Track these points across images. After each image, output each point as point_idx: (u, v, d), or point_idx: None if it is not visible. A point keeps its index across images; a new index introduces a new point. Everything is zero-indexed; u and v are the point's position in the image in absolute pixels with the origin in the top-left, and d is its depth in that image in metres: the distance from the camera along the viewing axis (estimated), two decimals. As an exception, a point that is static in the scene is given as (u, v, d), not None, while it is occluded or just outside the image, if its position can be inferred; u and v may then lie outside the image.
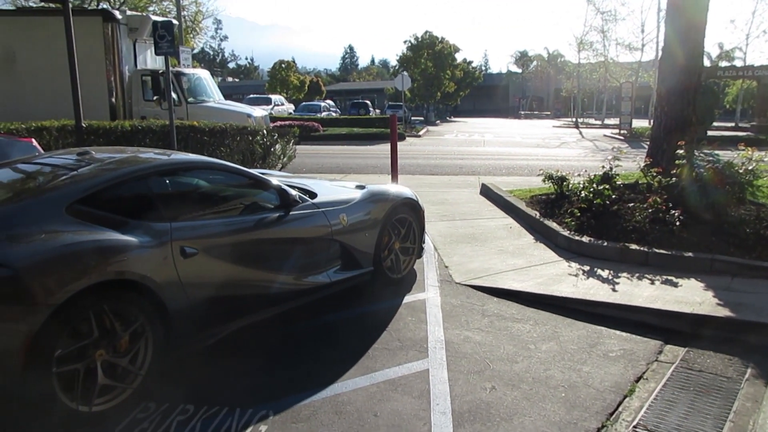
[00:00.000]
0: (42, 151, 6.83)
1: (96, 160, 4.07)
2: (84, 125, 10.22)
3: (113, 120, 14.16)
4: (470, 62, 58.22)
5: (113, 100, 15.73)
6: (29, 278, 2.93)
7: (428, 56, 46.86)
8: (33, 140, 7.21)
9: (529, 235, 7.37)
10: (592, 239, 6.48)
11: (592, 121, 51.39)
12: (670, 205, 6.68)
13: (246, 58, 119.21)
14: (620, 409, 3.49)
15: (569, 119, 53.26)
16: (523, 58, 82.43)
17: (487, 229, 7.76)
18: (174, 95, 13.37)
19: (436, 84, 47.33)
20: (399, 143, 10.83)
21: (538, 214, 7.86)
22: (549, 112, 70.56)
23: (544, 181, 8.60)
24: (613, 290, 5.29)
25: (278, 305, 4.38)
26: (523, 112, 68.82)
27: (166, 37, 10.00)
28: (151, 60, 17.33)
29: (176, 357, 3.69)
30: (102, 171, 3.83)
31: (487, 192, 10.47)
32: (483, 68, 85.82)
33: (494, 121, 54.38)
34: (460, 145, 24.62)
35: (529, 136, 31.85)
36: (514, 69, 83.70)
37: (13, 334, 2.86)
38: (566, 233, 6.77)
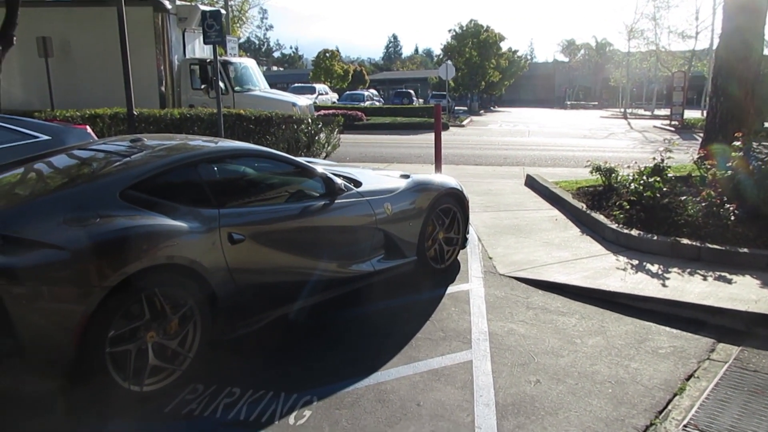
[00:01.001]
0: (96, 138, 7.03)
1: (147, 147, 4.16)
2: (135, 113, 10.48)
3: (163, 108, 14.48)
4: (515, 51, 57.39)
5: (163, 88, 16.08)
6: (85, 261, 3.03)
7: (473, 45, 46.38)
8: (87, 127, 7.42)
9: (575, 228, 7.23)
10: (641, 233, 6.32)
11: (641, 111, 49.96)
12: (725, 199, 6.45)
13: (291, 48, 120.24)
14: (669, 407, 3.40)
15: (617, 110, 51.98)
16: (570, 47, 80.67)
17: (531, 221, 7.65)
18: (221, 84, 13.56)
19: (481, 73, 46.84)
20: (442, 133, 10.75)
21: (584, 206, 7.71)
22: (596, 103, 68.97)
23: (591, 172, 8.42)
24: (663, 285, 5.14)
25: (322, 292, 4.42)
26: (569, 103, 67.39)
27: (214, 27, 10.15)
28: (199, 49, 17.63)
29: (223, 341, 3.77)
30: (153, 158, 3.92)
31: (532, 183, 10.32)
32: (528, 57, 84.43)
33: (539, 111, 53.48)
34: (504, 136, 24.32)
35: (575, 126, 31.23)
36: (561, 58, 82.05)
37: (70, 314, 2.97)
38: (614, 226, 6.61)
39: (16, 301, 2.82)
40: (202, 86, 16.07)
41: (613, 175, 8.15)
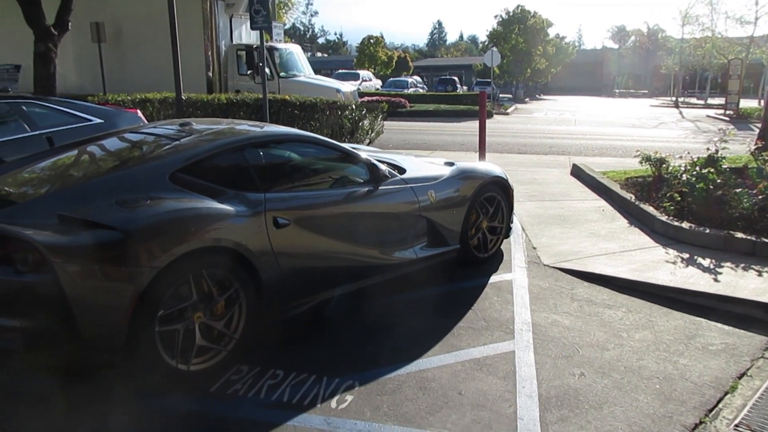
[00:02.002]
0: (146, 122, 7.20)
1: (196, 131, 4.23)
2: (183, 98, 10.67)
3: (210, 93, 14.72)
4: (563, 38, 56.18)
5: (210, 73, 16.33)
6: (136, 241, 3.10)
7: (519, 31, 45.56)
8: (138, 111, 7.60)
9: (622, 219, 7.06)
10: (692, 225, 6.12)
11: (693, 100, 48.29)
12: (784, 192, 6.19)
13: (335, 34, 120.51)
14: (720, 406, 3.29)
15: (668, 98, 50.36)
16: (620, 33, 78.46)
17: (577, 211, 7.50)
18: (267, 70, 13.69)
19: (527, 60, 46.02)
20: (487, 121, 10.62)
21: (633, 197, 7.51)
22: (646, 91, 66.99)
23: (641, 162, 8.19)
24: (715, 280, 4.98)
25: (365, 278, 4.43)
26: (617, 91, 65.71)
27: (262, 12, 10.22)
28: (245, 35, 17.83)
29: (267, 323, 3.82)
30: (202, 142, 3.98)
31: (578, 172, 10.11)
32: (576, 44, 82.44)
33: (586, 99, 52.34)
34: (549, 124, 23.88)
35: (623, 115, 30.43)
36: (610, 45, 79.93)
37: (122, 292, 3.04)
38: (664, 218, 6.42)
39: (71, 279, 2.90)
40: (248, 72, 16.27)
41: (664, 165, 7.90)
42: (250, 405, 3.22)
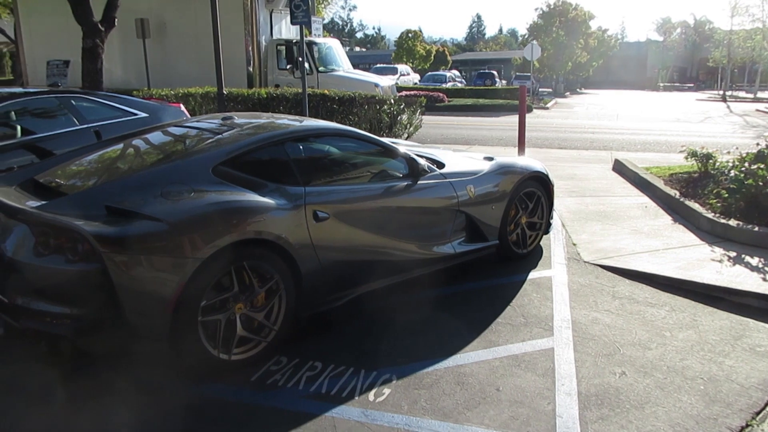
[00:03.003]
0: (188, 116, 7.34)
1: (237, 125, 4.30)
2: (225, 92, 10.83)
3: (250, 87, 14.90)
4: (605, 30, 54.96)
5: (250, 68, 16.52)
6: (180, 233, 3.17)
7: (560, 24, 44.76)
8: (181, 105, 7.75)
9: (666, 216, 6.89)
10: (740, 223, 5.94)
11: (742, 94, 46.69)
12: (838, 189, 5.95)
13: (373, 28, 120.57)
14: (768, 409, 3.20)
15: (715, 92, 48.89)
16: (665, 26, 76.39)
17: (619, 207, 7.36)
18: (306, 64, 13.79)
19: (567, 54, 45.17)
20: (526, 115, 10.48)
21: (677, 193, 7.33)
22: (691, 85, 65.13)
23: (686, 158, 7.98)
24: (764, 280, 4.82)
25: (403, 273, 4.44)
26: (662, 85, 63.99)
27: (302, 7, 10.28)
28: (285, 30, 17.96)
29: (306, 316, 3.86)
30: (243, 135, 4.04)
31: (620, 168, 9.91)
32: (619, 37, 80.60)
33: (629, 93, 51.21)
34: (591, 119, 23.44)
35: (668, 109, 29.66)
36: (655, 37, 77.87)
37: (166, 282, 3.12)
38: (710, 215, 6.25)
39: (118, 268, 2.99)
40: (288, 66, 16.41)
41: (711, 161, 7.69)
42: (289, 395, 3.27)
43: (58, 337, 3.08)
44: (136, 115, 6.61)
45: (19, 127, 5.82)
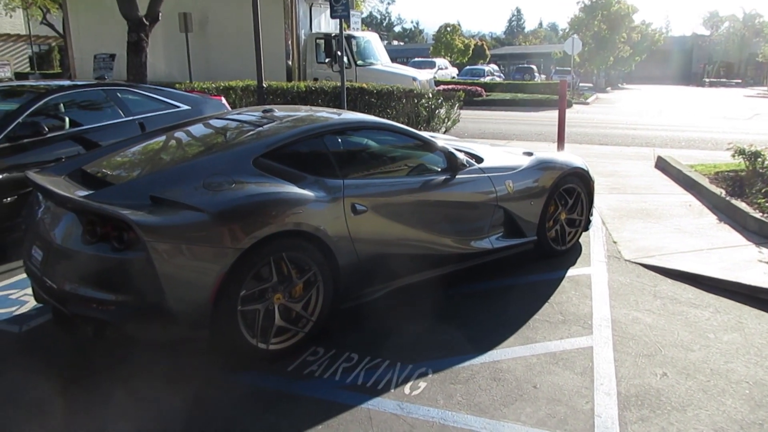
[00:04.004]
0: (229, 108, 7.44)
1: (278, 117, 4.34)
2: (264, 86, 10.94)
3: (289, 81, 15.03)
4: (649, 24, 53.49)
5: (289, 62, 16.66)
6: (221, 223, 3.23)
7: (602, 18, 43.81)
8: (222, 98, 7.86)
9: (711, 215, 6.71)
10: (790, 224, 5.74)
11: (793, 91, 45.07)
12: None
13: (412, 22, 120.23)
14: (817, 415, 3.10)
15: (764, 88, 47.25)
16: (712, 19, 74.09)
17: (662, 205, 7.19)
18: (344, 58, 13.84)
19: (610, 48, 44.20)
20: (566, 111, 10.31)
21: (723, 192, 7.12)
22: (739, 80, 63.06)
23: (733, 156, 7.74)
24: (814, 283, 4.66)
25: (440, 267, 4.43)
26: (707, 80, 62.15)
27: (341, 1, 10.31)
28: (324, 23, 18.04)
29: (343, 308, 3.89)
30: (283, 128, 4.08)
31: (663, 165, 9.68)
32: (664, 31, 78.46)
33: (673, 89, 49.92)
34: (632, 115, 22.92)
35: (714, 106, 28.81)
36: (701, 32, 75.59)
37: (207, 272, 3.18)
38: (758, 215, 6.05)
39: (162, 257, 3.05)
40: (326, 60, 16.48)
41: (759, 159, 7.44)
42: (325, 386, 3.30)
43: (104, 323, 3.16)
44: (178, 107, 6.73)
45: (67, 119, 5.98)
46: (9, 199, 5.21)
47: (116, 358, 3.58)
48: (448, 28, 52.44)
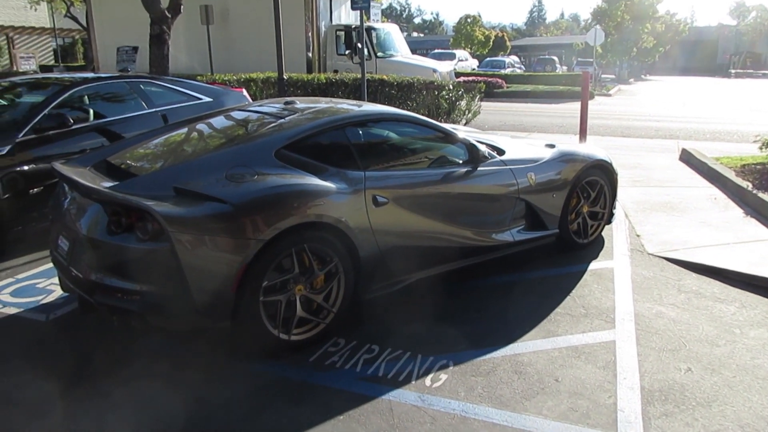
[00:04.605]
0: (250, 100, 7.47)
1: (299, 109, 4.34)
2: (285, 78, 10.97)
3: (309, 73, 15.04)
4: (674, 14, 52.59)
5: (309, 54, 16.67)
6: (244, 214, 3.24)
7: (625, 8, 43.14)
8: (243, 90, 7.89)
9: (737, 208, 6.60)
10: (819, 218, 5.63)
11: (822, 82, 43.99)
12: None
13: (431, 13, 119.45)
14: None
15: (793, 79, 46.20)
16: (739, 9, 72.59)
17: (686, 198, 7.08)
18: (365, 50, 13.81)
19: (633, 39, 43.54)
20: (588, 102, 10.19)
21: (750, 185, 6.99)
22: (767, 71, 61.75)
23: (760, 148, 7.62)
24: None
25: (461, 260, 4.41)
26: (733, 71, 60.94)
27: (362, -8, 10.27)
28: (345, 15, 18.01)
29: (363, 299, 3.90)
30: (305, 120, 4.08)
31: (687, 158, 9.53)
32: (689, 21, 77.10)
33: (698, 80, 49.07)
34: (656, 106, 22.60)
35: (740, 97, 28.27)
36: (727, 21, 74.10)
37: (230, 262, 3.20)
38: (786, 209, 5.94)
39: (185, 247, 3.08)
40: (347, 52, 16.46)
41: (788, 152, 7.31)
42: (346, 377, 3.31)
43: (129, 312, 3.21)
44: (200, 99, 6.78)
45: (91, 111, 6.05)
46: (35, 190, 5.29)
47: (141, 345, 3.63)
48: (469, 20, 52.06)
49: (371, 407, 3.04)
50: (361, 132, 4.30)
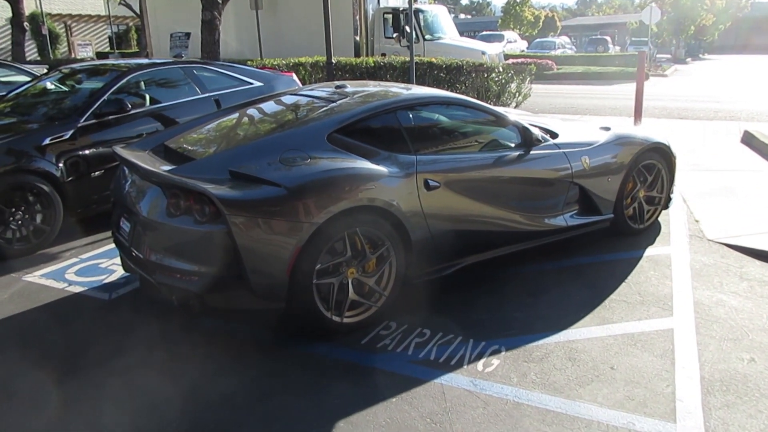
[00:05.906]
0: (300, 85, 7.52)
1: (350, 93, 4.35)
2: (333, 61, 10.99)
3: (357, 56, 15.03)
4: (736, -11, 50.23)
5: (357, 37, 16.64)
6: (298, 198, 3.28)
7: (684, -16, 41.41)
8: (293, 74, 7.95)
9: (804, 193, 6.30)
10: None
11: None
12: None
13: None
14: None
15: None
16: (807, -17, 68.70)
17: (748, 183, 6.80)
18: (412, 32, 13.70)
19: (690, 16, 41.82)
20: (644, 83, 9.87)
21: (818, 169, 6.67)
22: (838, 48, 58.41)
23: (830, 130, 7.23)
24: None
25: (513, 244, 4.36)
26: (800, 49, 57.87)
27: (410, -26, 10.17)
28: (392, -3, 17.86)
29: (415, 283, 3.90)
30: (356, 104, 4.08)
31: (750, 140, 9.14)
32: (752, -4, 73.45)
33: (761, 58, 46.77)
34: (715, 87, 21.70)
35: (806, 76, 26.87)
36: (795, -5, 70.25)
37: (284, 245, 3.25)
38: None
39: (241, 230, 3.14)
40: (394, 35, 16.37)
41: None
42: (398, 360, 3.33)
43: (187, 292, 3.30)
44: (252, 84, 6.86)
45: (147, 96, 6.21)
46: (96, 173, 5.47)
47: (199, 325, 3.74)
48: (518, 0, 50.93)
49: (423, 390, 3.06)
50: (411, 115, 4.27)
